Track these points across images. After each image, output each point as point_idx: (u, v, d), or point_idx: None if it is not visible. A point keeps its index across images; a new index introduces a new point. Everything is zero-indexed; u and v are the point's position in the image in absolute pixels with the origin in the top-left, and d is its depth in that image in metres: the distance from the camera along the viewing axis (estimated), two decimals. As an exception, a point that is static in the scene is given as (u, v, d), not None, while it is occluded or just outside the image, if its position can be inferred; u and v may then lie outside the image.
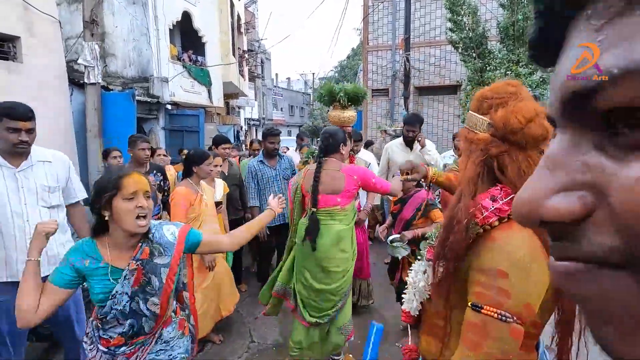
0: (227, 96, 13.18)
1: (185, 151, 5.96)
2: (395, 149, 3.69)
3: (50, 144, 4.12)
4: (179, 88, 8.74)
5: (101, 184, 1.27)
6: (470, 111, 0.92)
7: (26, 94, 3.76)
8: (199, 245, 1.47)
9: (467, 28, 7.34)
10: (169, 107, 8.21)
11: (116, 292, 1.28)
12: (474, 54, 7.42)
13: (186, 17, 9.25)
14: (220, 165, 3.20)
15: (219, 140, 3.59)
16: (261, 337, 2.86)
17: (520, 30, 6.73)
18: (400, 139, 3.71)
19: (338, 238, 2.16)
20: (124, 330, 1.32)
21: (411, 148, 3.56)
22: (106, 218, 1.26)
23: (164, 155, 4.10)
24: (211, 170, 2.68)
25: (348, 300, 2.31)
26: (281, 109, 31.62)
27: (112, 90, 6.13)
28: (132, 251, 1.32)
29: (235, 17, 12.86)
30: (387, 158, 3.73)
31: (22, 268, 1.77)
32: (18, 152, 1.82)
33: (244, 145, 18.31)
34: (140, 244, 1.33)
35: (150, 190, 1.31)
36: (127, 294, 1.29)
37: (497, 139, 0.85)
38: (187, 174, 2.60)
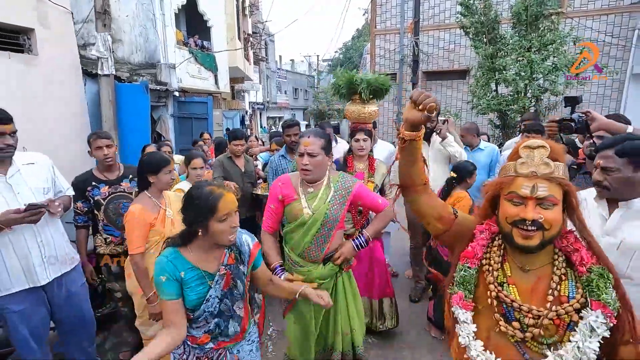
0: (233, 80, 13.07)
1: (207, 135, 5.85)
2: None
3: (65, 135, 4.18)
4: (186, 74, 8.69)
5: (195, 206, 1.29)
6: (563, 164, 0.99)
7: (41, 85, 3.80)
8: (256, 270, 1.53)
9: (478, 12, 7.18)
10: (177, 94, 8.20)
11: (210, 295, 1.35)
12: (485, 39, 7.28)
13: (191, 0, 9.11)
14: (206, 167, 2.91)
15: (231, 135, 3.44)
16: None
17: (533, 16, 6.58)
18: None
19: None
20: (210, 328, 1.40)
21: (429, 142, 3.11)
22: (199, 233, 1.31)
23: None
24: (172, 179, 2.15)
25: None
26: (285, 91, 31.31)
27: (120, 77, 6.12)
28: (218, 255, 1.39)
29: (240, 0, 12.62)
30: None
31: (40, 272, 1.85)
32: (4, 157, 1.78)
33: (249, 130, 18.26)
34: (225, 250, 1.40)
35: (236, 206, 1.34)
36: (217, 297, 1.37)
37: None
38: (142, 185, 2.10)
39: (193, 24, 10.06)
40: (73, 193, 2.17)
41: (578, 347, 0.92)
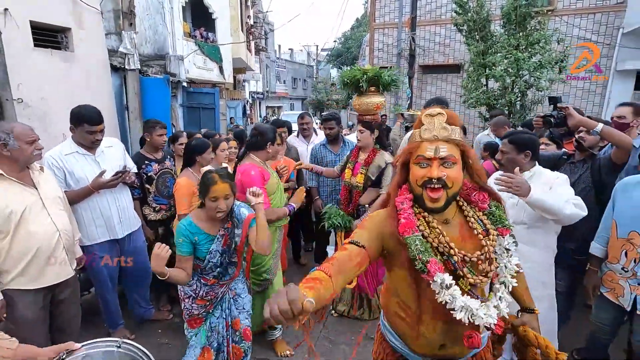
0: (236, 71, 13.43)
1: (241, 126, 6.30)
2: None
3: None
4: (192, 65, 9.09)
5: (201, 185, 1.86)
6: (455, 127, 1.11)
7: (79, 79, 4.26)
8: (250, 230, 1.97)
9: (471, 11, 7.61)
10: (185, 84, 8.63)
11: (212, 249, 1.90)
12: (477, 37, 7.71)
13: (198, -7, 9.45)
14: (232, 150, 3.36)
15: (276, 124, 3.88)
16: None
17: (522, 16, 7.03)
18: None
19: None
20: (215, 274, 1.98)
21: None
22: (204, 205, 1.88)
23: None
24: (211, 158, 2.76)
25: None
26: (284, 81, 31.58)
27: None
28: (221, 222, 1.92)
29: (243, -9, 12.90)
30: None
31: (118, 229, 2.46)
32: (95, 147, 2.39)
33: (249, 120, 18.62)
34: (228, 219, 1.95)
35: (231, 193, 1.84)
36: (218, 251, 1.92)
37: None
38: (188, 163, 2.67)
39: (198, 16, 10.41)
40: (136, 170, 2.73)
41: (505, 266, 1.08)
